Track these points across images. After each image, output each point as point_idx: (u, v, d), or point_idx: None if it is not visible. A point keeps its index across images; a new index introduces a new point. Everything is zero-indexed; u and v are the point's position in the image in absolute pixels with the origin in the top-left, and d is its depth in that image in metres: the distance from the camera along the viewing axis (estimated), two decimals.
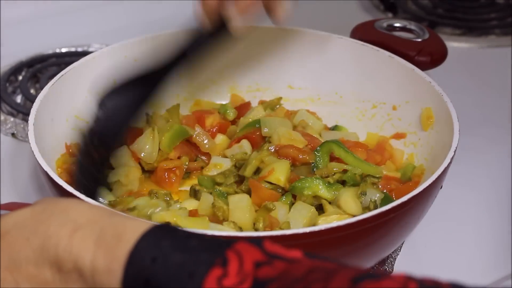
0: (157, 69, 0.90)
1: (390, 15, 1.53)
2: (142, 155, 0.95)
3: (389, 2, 1.55)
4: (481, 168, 1.08)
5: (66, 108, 1.00)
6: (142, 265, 0.54)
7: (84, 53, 1.31)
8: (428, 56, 1.04)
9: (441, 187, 0.86)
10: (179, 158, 0.98)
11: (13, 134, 1.13)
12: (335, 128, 1.06)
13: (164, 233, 0.56)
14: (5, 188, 1.03)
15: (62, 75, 0.99)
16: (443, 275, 0.90)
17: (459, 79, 1.27)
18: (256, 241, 0.54)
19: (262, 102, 1.09)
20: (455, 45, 1.39)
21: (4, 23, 1.39)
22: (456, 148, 0.86)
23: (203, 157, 1.00)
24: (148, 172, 0.97)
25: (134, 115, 0.89)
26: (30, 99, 1.18)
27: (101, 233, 0.57)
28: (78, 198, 0.77)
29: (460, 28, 1.48)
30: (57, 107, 0.98)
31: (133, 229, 0.57)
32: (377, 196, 0.89)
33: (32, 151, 0.85)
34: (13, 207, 0.74)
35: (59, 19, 1.45)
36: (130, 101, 0.88)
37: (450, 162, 0.84)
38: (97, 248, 0.56)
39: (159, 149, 0.96)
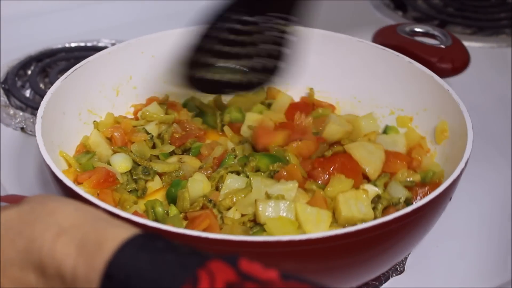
0: None
1: (400, 13, 1.53)
2: None
3: (399, 0, 1.54)
4: (491, 173, 1.08)
5: (79, 102, 1.00)
6: (117, 279, 0.53)
7: (94, 48, 1.31)
8: (449, 63, 1.02)
9: (450, 199, 0.84)
10: None
11: (22, 129, 1.12)
12: (386, 129, 1.04)
13: (143, 243, 0.55)
14: (13, 182, 1.03)
15: (76, 69, 0.98)
16: (449, 279, 0.90)
17: (469, 79, 1.26)
18: (232, 259, 0.53)
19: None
20: (466, 45, 1.38)
21: (14, 17, 1.39)
22: (467, 161, 0.83)
23: None
24: None
25: None
26: (39, 94, 1.18)
27: (82, 239, 0.56)
28: (78, 194, 0.75)
29: (470, 28, 1.47)
30: (69, 100, 0.97)
31: (113, 237, 0.55)
32: (403, 194, 0.89)
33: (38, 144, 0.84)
34: (12, 199, 0.73)
35: (68, 14, 1.44)
36: None
37: (460, 175, 0.82)
38: (78, 255, 0.55)
39: None
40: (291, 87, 1.09)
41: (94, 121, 1.00)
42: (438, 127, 0.97)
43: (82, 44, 1.32)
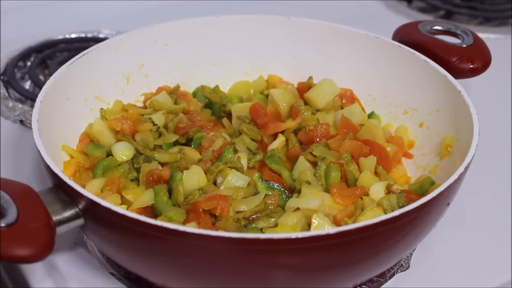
0: None
1: (405, 3, 1.51)
2: None
3: None
4: (494, 169, 1.07)
5: (86, 88, 0.98)
6: None
7: (94, 39, 1.29)
8: (468, 64, 0.98)
9: (448, 204, 0.81)
10: None
11: (21, 121, 1.11)
12: (371, 116, 1.03)
13: None
14: (11, 175, 1.01)
15: (84, 55, 0.96)
16: (455, 275, 0.89)
17: None
18: None
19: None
20: None
21: (14, 8, 1.38)
22: (468, 164, 0.81)
23: None
24: None
25: None
26: (39, 85, 1.16)
27: None
28: (63, 180, 0.75)
29: (476, 18, 1.45)
30: (75, 86, 0.96)
31: None
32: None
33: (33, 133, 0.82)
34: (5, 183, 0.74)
35: (69, 4, 1.43)
36: None
37: (458, 178, 0.79)
38: None
39: None
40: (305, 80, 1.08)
41: (101, 108, 0.99)
42: (444, 141, 0.94)
43: (83, 35, 1.31)
